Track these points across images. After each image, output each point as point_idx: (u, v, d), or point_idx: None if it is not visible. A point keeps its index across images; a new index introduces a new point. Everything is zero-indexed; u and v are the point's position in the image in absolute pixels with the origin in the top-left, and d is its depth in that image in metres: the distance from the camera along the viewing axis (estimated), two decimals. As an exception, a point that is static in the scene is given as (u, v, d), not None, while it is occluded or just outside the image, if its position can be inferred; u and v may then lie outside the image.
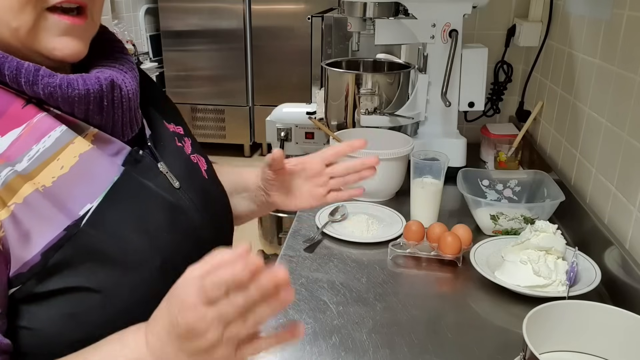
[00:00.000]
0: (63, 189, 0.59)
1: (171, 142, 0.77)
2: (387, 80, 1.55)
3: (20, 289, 0.57)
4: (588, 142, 1.28)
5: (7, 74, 0.58)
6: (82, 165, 0.61)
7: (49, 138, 0.60)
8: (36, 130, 0.59)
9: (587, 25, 1.32)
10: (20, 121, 0.59)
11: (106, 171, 0.63)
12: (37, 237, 0.56)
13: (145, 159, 0.69)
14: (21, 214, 0.55)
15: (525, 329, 0.75)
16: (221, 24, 4.12)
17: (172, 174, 0.72)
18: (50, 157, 0.59)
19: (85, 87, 0.61)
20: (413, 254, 1.16)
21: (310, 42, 2.38)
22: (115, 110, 0.65)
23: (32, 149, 0.58)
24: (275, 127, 2.02)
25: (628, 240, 1.06)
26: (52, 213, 0.57)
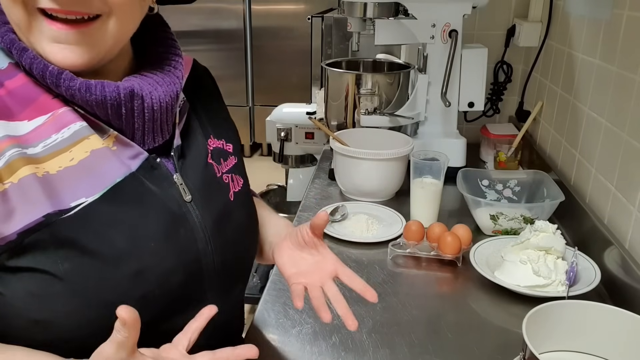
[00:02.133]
0: (64, 179, 0.62)
1: (202, 157, 0.77)
2: (387, 80, 1.55)
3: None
4: (588, 142, 1.28)
5: (36, 74, 0.63)
6: (91, 161, 0.64)
7: (68, 130, 0.63)
8: (59, 121, 0.63)
9: (587, 25, 1.32)
10: (47, 110, 0.63)
11: (113, 171, 0.65)
12: (19, 217, 0.59)
13: (161, 167, 0.70)
14: (12, 193, 0.59)
15: (525, 328, 0.75)
16: (221, 24, 4.12)
17: (186, 187, 0.72)
18: (64, 147, 0.63)
19: (102, 94, 0.63)
20: (413, 254, 1.16)
21: (310, 42, 2.38)
22: (135, 119, 0.67)
23: (50, 137, 0.62)
24: (275, 127, 2.02)
25: (628, 240, 1.06)
26: (38, 198, 0.60)
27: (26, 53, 0.62)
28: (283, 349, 0.90)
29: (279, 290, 1.06)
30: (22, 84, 0.63)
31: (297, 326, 0.95)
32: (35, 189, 0.60)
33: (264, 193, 2.46)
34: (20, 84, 0.63)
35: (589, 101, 1.29)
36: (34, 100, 0.63)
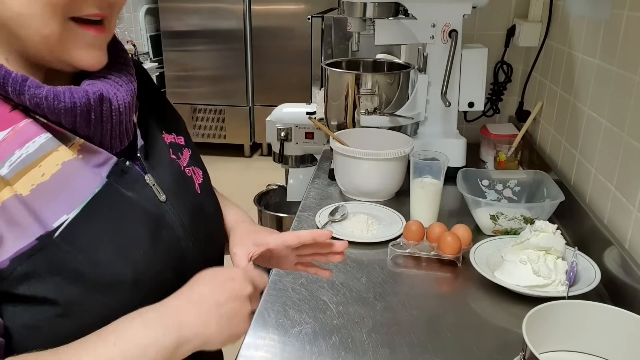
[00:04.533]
0: (41, 197, 0.58)
1: (165, 154, 0.76)
2: (387, 80, 1.55)
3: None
4: (588, 142, 1.28)
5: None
6: (63, 174, 0.60)
7: (33, 144, 0.59)
8: (21, 135, 0.58)
9: (587, 25, 1.32)
10: (5, 125, 0.58)
11: (88, 182, 0.62)
12: (9, 243, 0.56)
13: (131, 170, 0.68)
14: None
15: (525, 328, 0.75)
16: (221, 24, 4.12)
17: (159, 187, 0.71)
18: (32, 163, 0.58)
19: (72, 100, 0.60)
20: (413, 254, 1.16)
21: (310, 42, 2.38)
22: (104, 123, 0.64)
23: (14, 153, 0.57)
24: (275, 127, 2.02)
25: (628, 240, 1.06)
26: (27, 221, 0.56)
27: None
28: (283, 349, 0.90)
29: (279, 290, 1.06)
30: None
31: (297, 326, 0.95)
32: (20, 212, 0.56)
33: (264, 193, 2.46)
34: None
35: (589, 101, 1.29)
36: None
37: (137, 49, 3.95)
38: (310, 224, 1.31)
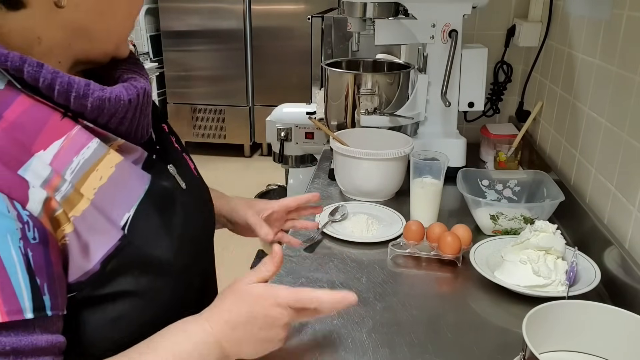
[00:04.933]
0: (104, 200, 0.61)
1: (170, 142, 0.80)
2: (387, 80, 1.55)
3: (75, 296, 0.60)
4: (588, 142, 1.28)
5: (58, 88, 0.58)
6: (118, 175, 0.63)
7: (88, 149, 0.61)
8: (75, 142, 0.60)
9: (587, 25, 1.32)
10: (60, 133, 0.59)
11: (138, 180, 0.66)
12: (96, 248, 0.59)
13: (158, 162, 0.72)
14: (80, 227, 0.58)
15: (525, 328, 0.75)
16: (221, 24, 4.12)
17: (179, 176, 0.75)
18: (90, 168, 0.60)
19: (128, 97, 0.64)
20: (413, 254, 1.16)
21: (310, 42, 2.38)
22: (142, 116, 0.68)
23: (72, 161, 0.59)
24: (275, 127, 2.02)
25: (628, 240, 1.06)
26: (104, 225, 0.60)
27: (44, 68, 0.58)
28: (283, 348, 0.90)
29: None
30: (25, 109, 0.58)
31: (297, 326, 0.95)
32: (96, 217, 0.60)
33: (264, 193, 2.46)
34: (24, 109, 0.58)
35: (589, 101, 1.29)
36: (43, 125, 0.58)
37: (137, 49, 3.95)
38: (310, 224, 1.31)
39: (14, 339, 0.52)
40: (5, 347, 0.51)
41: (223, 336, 0.66)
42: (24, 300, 0.53)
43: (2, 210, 0.52)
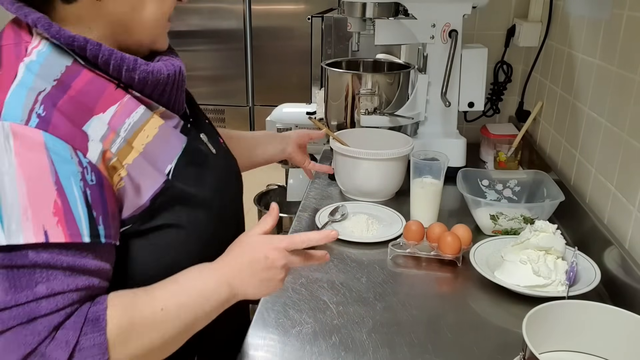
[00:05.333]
0: (151, 153, 0.75)
1: (202, 116, 0.95)
2: (387, 80, 1.55)
3: (129, 228, 0.74)
4: (588, 142, 1.28)
5: (113, 63, 0.72)
6: (160, 135, 0.77)
7: (136, 114, 0.75)
8: (127, 108, 0.74)
9: (587, 25, 1.32)
10: (115, 100, 0.73)
11: (176, 140, 0.80)
12: (146, 188, 0.74)
13: (192, 131, 0.86)
14: (132, 172, 0.72)
15: (525, 328, 0.75)
16: (221, 24, 4.12)
17: (210, 143, 0.89)
18: (138, 128, 0.74)
19: (167, 72, 0.78)
20: (413, 254, 1.16)
21: (310, 42, 2.38)
22: (178, 91, 0.82)
23: (125, 122, 0.73)
24: (275, 127, 2.02)
25: (628, 240, 1.06)
26: (151, 171, 0.74)
27: (102, 47, 0.72)
28: (283, 349, 0.90)
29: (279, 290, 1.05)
30: (88, 80, 0.71)
31: (297, 326, 0.95)
32: (144, 164, 0.74)
33: (264, 193, 2.46)
34: (87, 80, 0.71)
35: (589, 101, 1.29)
36: (101, 93, 0.72)
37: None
38: (310, 224, 1.31)
39: (70, 259, 0.65)
40: (63, 264, 0.65)
41: (231, 277, 0.77)
42: (82, 227, 0.66)
43: (66, 157, 0.66)
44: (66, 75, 0.70)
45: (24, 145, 0.64)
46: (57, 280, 0.64)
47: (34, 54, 0.70)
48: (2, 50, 0.71)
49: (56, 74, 0.69)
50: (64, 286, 0.64)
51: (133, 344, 0.68)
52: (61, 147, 0.65)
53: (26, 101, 0.66)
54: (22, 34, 0.72)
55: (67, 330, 0.64)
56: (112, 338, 0.66)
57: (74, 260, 0.65)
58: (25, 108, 0.65)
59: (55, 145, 0.65)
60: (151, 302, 0.71)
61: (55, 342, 0.64)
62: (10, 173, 0.63)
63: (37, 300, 0.63)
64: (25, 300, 0.63)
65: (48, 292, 0.64)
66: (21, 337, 0.63)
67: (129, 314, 0.69)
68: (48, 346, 0.63)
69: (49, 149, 0.65)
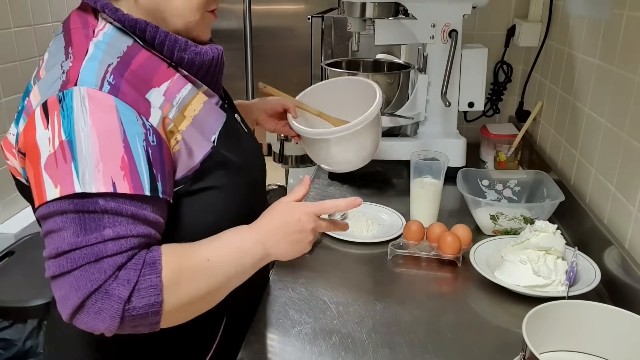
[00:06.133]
0: (199, 123, 0.84)
1: (232, 100, 1.04)
2: (387, 80, 1.55)
3: (181, 188, 0.82)
4: (588, 142, 1.28)
5: (167, 44, 0.82)
6: (205, 109, 0.86)
7: (185, 90, 0.84)
8: (177, 85, 0.83)
9: (587, 25, 1.32)
10: (167, 77, 0.82)
11: (218, 115, 0.89)
12: (197, 152, 0.82)
13: (229, 110, 0.94)
14: (186, 137, 0.81)
15: (525, 328, 0.75)
16: (221, 24, 4.11)
17: (242, 123, 0.98)
18: (187, 102, 0.83)
19: (212, 55, 0.88)
20: (413, 254, 1.16)
21: (310, 42, 2.38)
22: (219, 73, 0.93)
23: (176, 97, 0.82)
24: (275, 127, 2.01)
25: (628, 240, 1.06)
26: (201, 137, 0.83)
27: (159, 30, 0.81)
28: (283, 348, 0.90)
29: (278, 290, 1.06)
30: (145, 58, 0.80)
31: (297, 326, 0.95)
32: (195, 132, 0.82)
33: (264, 193, 2.46)
34: (144, 58, 0.80)
35: (589, 101, 1.29)
36: (156, 70, 0.81)
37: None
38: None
39: (133, 208, 0.72)
40: (128, 212, 0.72)
41: (266, 237, 0.84)
42: (144, 181, 0.73)
43: (133, 119, 0.74)
44: (127, 54, 0.79)
45: (98, 106, 0.72)
46: (122, 225, 0.71)
47: (100, 35, 0.80)
48: (72, 33, 0.81)
49: (119, 52, 0.78)
50: (128, 231, 0.71)
51: (183, 289, 0.75)
52: (129, 111, 0.74)
53: (99, 71, 0.75)
54: (89, 18, 0.82)
55: (128, 270, 0.71)
56: (166, 281, 0.73)
57: (136, 210, 0.73)
58: (98, 76, 0.74)
59: (124, 109, 0.74)
60: (198, 253, 0.79)
61: (119, 281, 0.70)
62: (86, 130, 0.71)
63: (105, 242, 0.70)
64: (95, 242, 0.70)
65: (114, 235, 0.70)
66: (89, 274, 0.69)
67: (180, 262, 0.76)
68: (112, 284, 0.69)
69: (119, 111, 0.73)
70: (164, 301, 0.72)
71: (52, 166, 0.71)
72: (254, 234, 0.85)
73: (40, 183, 0.72)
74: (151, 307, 0.71)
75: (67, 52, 0.78)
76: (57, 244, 0.70)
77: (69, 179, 0.70)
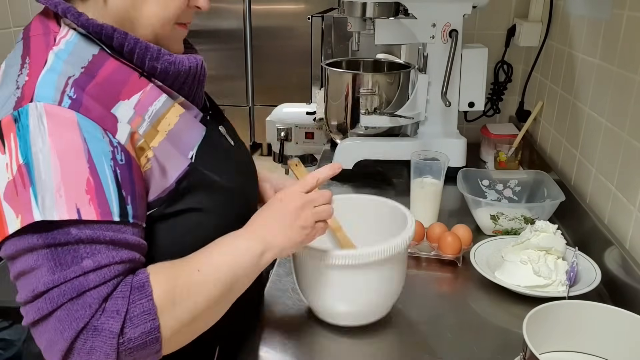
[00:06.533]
0: (174, 139, 0.77)
1: (219, 111, 0.97)
2: (387, 80, 1.55)
3: (155, 211, 0.75)
4: (588, 142, 1.28)
5: (137, 52, 0.75)
6: (182, 122, 0.79)
7: (158, 102, 0.77)
8: (149, 96, 0.76)
9: (587, 25, 1.32)
10: (138, 88, 0.75)
11: (196, 129, 0.82)
12: (171, 170, 0.75)
13: (211, 122, 0.88)
14: (158, 155, 0.74)
15: (525, 329, 0.75)
16: (221, 24, 4.11)
17: (228, 136, 0.92)
18: (161, 116, 0.77)
19: (189, 65, 0.81)
20: (413, 254, 1.16)
21: (310, 42, 2.38)
22: (198, 84, 0.85)
23: (148, 110, 0.75)
24: (275, 127, 2.02)
25: (628, 240, 1.06)
26: (176, 155, 0.76)
27: (128, 36, 0.75)
28: (283, 349, 0.90)
29: (279, 290, 1.05)
30: (113, 68, 0.74)
31: (297, 326, 0.95)
32: (169, 148, 0.76)
33: (264, 193, 2.46)
34: (112, 68, 0.74)
35: (589, 101, 1.28)
36: (126, 81, 0.74)
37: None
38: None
39: (111, 233, 0.67)
40: (106, 238, 0.66)
41: (259, 230, 0.79)
42: (113, 205, 0.67)
43: (97, 136, 0.68)
44: (93, 63, 0.72)
45: (58, 124, 0.66)
46: (102, 253, 0.66)
47: (62, 43, 0.73)
48: (31, 41, 0.74)
49: (84, 61, 0.72)
50: (110, 258, 0.66)
51: (179, 308, 0.69)
52: (93, 127, 0.68)
53: (57, 84, 0.68)
54: (51, 24, 0.75)
55: (115, 299, 0.65)
56: (159, 303, 0.67)
57: (115, 234, 0.67)
58: (57, 90, 0.68)
59: (88, 125, 0.67)
60: (187, 266, 0.73)
61: (107, 313, 0.64)
62: (45, 151, 0.65)
63: (85, 274, 0.64)
64: (74, 276, 0.64)
65: (95, 265, 0.65)
66: (73, 312, 0.63)
67: (170, 279, 0.70)
68: (100, 318, 0.64)
69: (81, 128, 0.67)
70: (161, 325, 0.66)
71: (12, 195, 0.64)
72: (246, 231, 0.79)
73: (1, 214, 0.65)
74: (148, 335, 0.66)
75: (24, 63, 0.71)
76: (32, 285, 0.64)
77: (28, 207, 0.63)
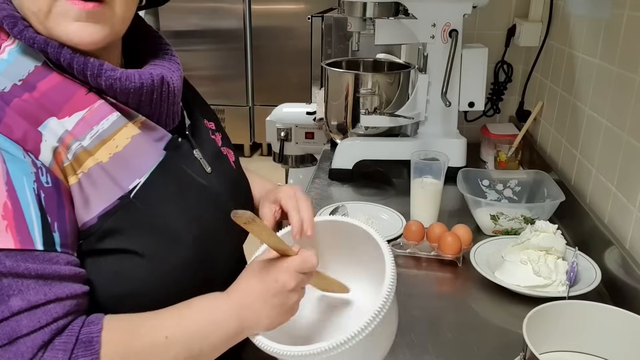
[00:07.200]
0: (118, 164, 0.68)
1: (207, 133, 0.86)
2: (387, 80, 1.54)
3: (82, 244, 0.66)
4: (588, 142, 1.28)
5: (76, 67, 0.67)
6: (133, 145, 0.70)
7: (107, 121, 0.68)
8: (96, 114, 0.68)
9: (587, 25, 1.32)
10: (83, 105, 0.67)
11: (152, 153, 0.72)
12: (95, 203, 0.66)
13: (183, 146, 0.78)
14: (84, 182, 0.65)
15: (525, 329, 0.75)
16: (221, 24, 4.11)
17: (205, 160, 0.80)
18: (108, 136, 0.68)
19: (140, 81, 0.70)
20: (413, 254, 1.16)
21: (310, 42, 2.37)
22: (162, 102, 0.74)
23: (92, 129, 0.67)
24: (275, 127, 2.02)
25: (628, 240, 1.06)
26: (108, 184, 0.66)
27: (63, 50, 0.66)
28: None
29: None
30: (56, 83, 0.67)
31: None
32: (102, 177, 0.66)
33: (264, 193, 2.45)
34: (55, 83, 0.67)
35: (589, 101, 1.28)
36: (70, 97, 0.67)
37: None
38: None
39: (36, 266, 0.59)
40: (31, 271, 0.58)
41: (243, 307, 0.69)
42: (35, 232, 0.60)
43: (18, 155, 0.61)
44: (33, 76, 0.66)
45: None
46: (31, 290, 0.58)
47: (6, 52, 0.67)
48: None
49: (23, 73, 0.66)
50: (42, 295, 0.58)
51: None
52: (13, 146, 0.61)
53: None
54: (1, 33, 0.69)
55: (55, 351, 0.58)
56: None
57: (42, 266, 0.59)
58: None
59: (7, 144, 0.60)
60: (154, 329, 0.65)
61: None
62: None
63: (15, 315, 0.57)
64: (2, 317, 0.56)
65: (26, 305, 0.57)
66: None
67: (126, 340, 0.63)
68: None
69: None
70: None
71: None
72: (228, 304, 0.69)
73: None
74: None
75: None
76: None
77: None
